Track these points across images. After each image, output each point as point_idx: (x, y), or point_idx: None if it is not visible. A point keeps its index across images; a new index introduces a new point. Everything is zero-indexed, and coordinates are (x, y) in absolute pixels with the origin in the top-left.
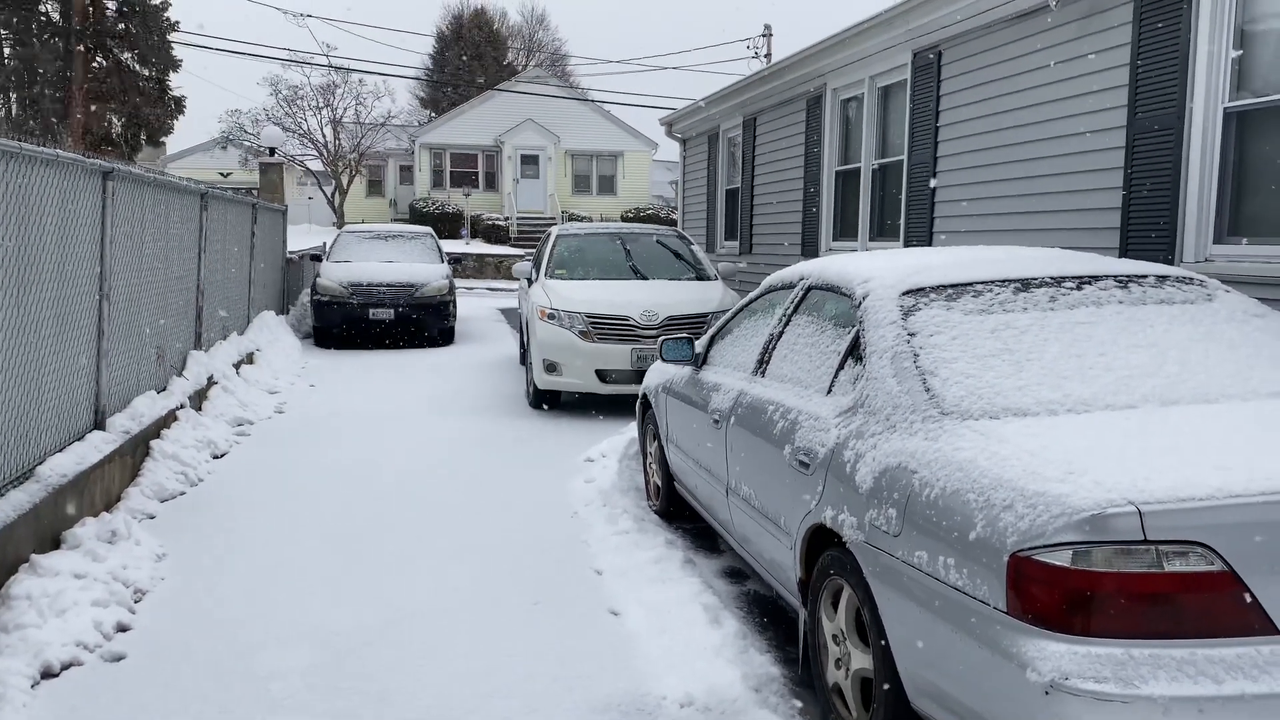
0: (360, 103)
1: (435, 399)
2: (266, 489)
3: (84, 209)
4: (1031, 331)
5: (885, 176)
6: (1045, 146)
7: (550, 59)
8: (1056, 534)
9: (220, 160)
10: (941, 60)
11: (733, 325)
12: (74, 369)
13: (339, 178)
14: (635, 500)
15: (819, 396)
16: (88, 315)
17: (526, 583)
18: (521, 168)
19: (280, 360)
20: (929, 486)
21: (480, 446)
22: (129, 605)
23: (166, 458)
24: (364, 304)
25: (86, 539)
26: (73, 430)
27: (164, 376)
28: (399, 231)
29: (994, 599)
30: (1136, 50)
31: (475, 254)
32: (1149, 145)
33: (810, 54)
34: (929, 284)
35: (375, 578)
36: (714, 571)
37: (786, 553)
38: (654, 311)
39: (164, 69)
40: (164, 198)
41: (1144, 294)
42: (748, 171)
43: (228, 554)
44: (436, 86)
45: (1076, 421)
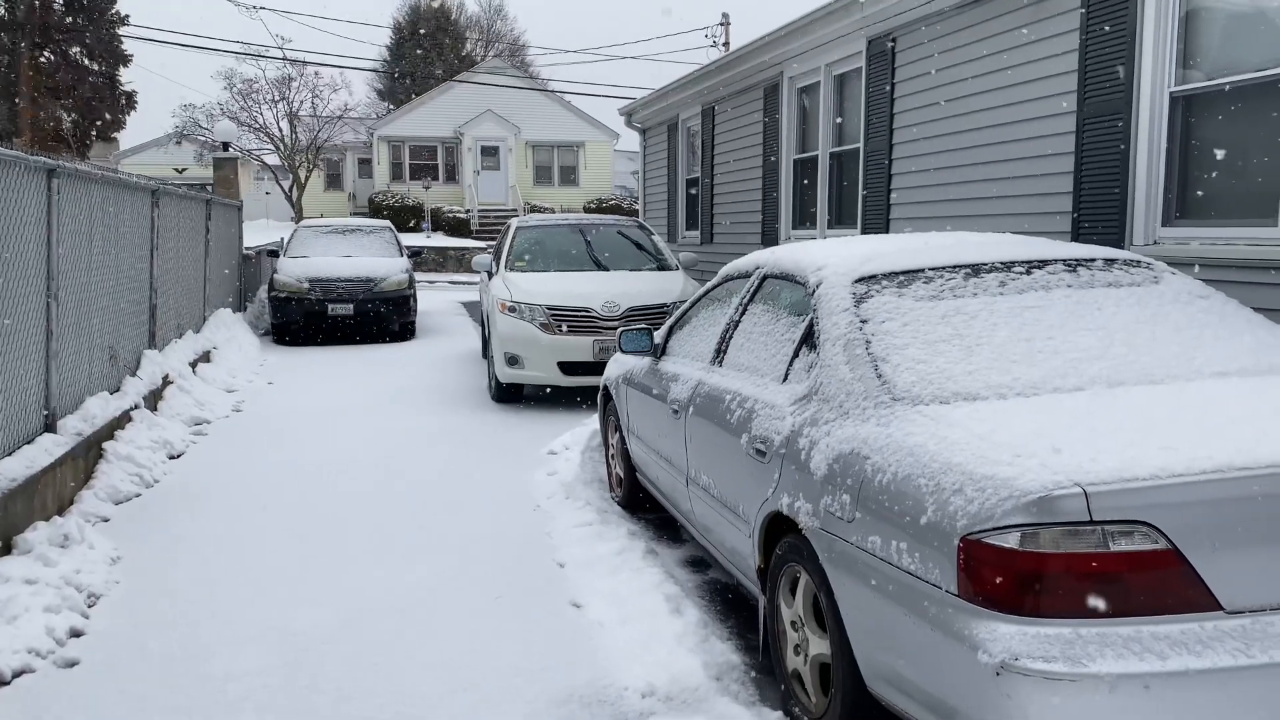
0: (317, 95)
1: (396, 394)
2: (224, 489)
3: (28, 208)
4: (981, 316)
5: (842, 164)
6: (998, 133)
7: (509, 49)
8: (1005, 516)
9: (175, 156)
10: (896, 48)
11: (691, 315)
12: (22, 371)
13: (296, 172)
14: (598, 492)
15: (775, 385)
16: (35, 316)
17: (488, 577)
18: (482, 159)
19: (238, 358)
20: (881, 472)
21: (442, 441)
22: (82, 610)
23: (120, 459)
24: (322, 299)
25: (37, 544)
26: (22, 433)
27: (117, 377)
28: (357, 225)
29: (945, 582)
30: (1085, 36)
31: (436, 247)
32: (1098, 130)
33: (767, 42)
34: (880, 271)
35: (334, 576)
36: (676, 561)
37: (745, 541)
38: (615, 303)
39: (113, 63)
40: (113, 195)
41: (1092, 277)
42: (707, 160)
43: (184, 555)
44: (394, 78)
45: (1025, 405)
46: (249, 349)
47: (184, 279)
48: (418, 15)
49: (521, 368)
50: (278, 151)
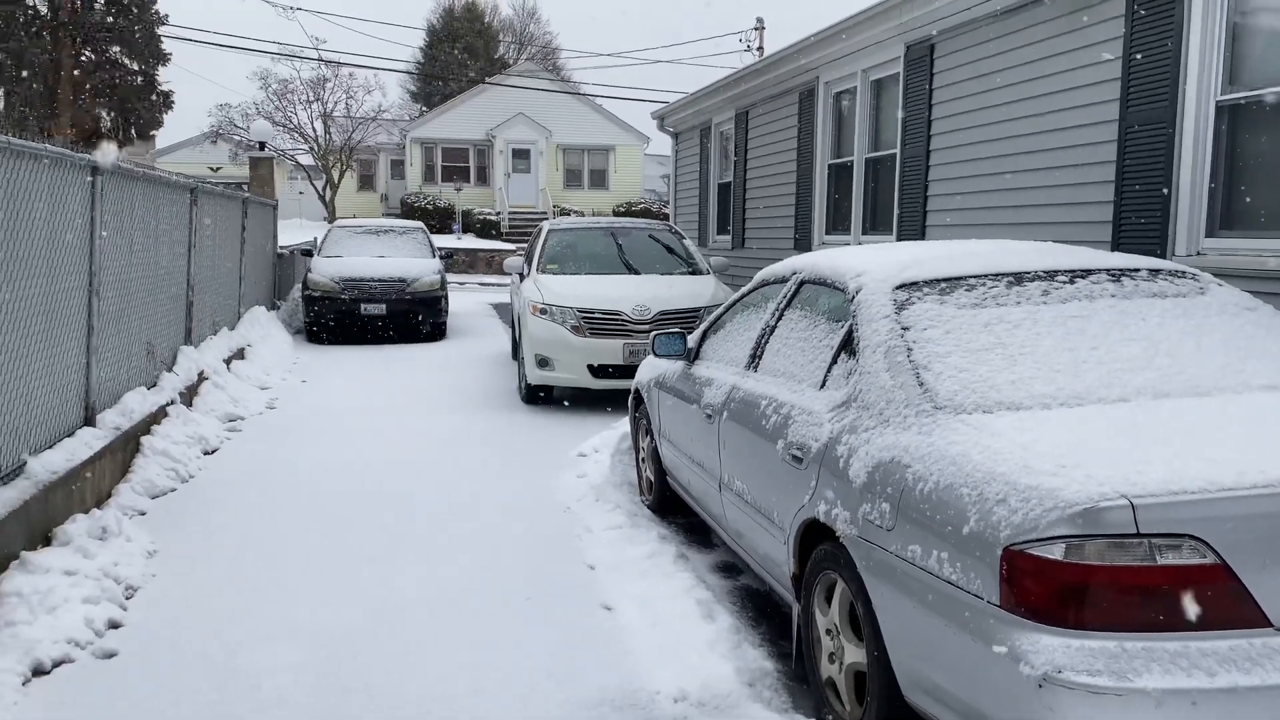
0: (351, 97)
1: (427, 394)
2: (257, 485)
3: (73, 204)
4: (1024, 325)
5: (878, 170)
6: (1038, 140)
7: (542, 53)
8: (1049, 527)
9: (210, 155)
10: (934, 53)
11: (725, 320)
12: (64, 365)
13: (330, 172)
14: (628, 495)
15: (812, 391)
16: (77, 311)
17: (518, 578)
18: (513, 162)
19: (271, 356)
20: (922, 480)
21: (472, 441)
22: (120, 602)
23: (157, 454)
24: (355, 299)
25: (77, 536)
26: (63, 426)
27: (154, 372)
28: (390, 226)
29: (987, 592)
30: (1129, 43)
31: (467, 249)
32: (1141, 139)
33: (803, 47)
34: (922, 278)
35: (365, 574)
36: (707, 566)
37: (780, 547)
38: (646, 306)
39: (152, 63)
40: (153, 193)
41: (1136, 287)
42: (740, 165)
43: (218, 550)
44: (428, 80)
45: (1069, 415)
46: (282, 347)
47: (220, 276)
48: (451, 18)
49: (552, 370)
50: (312, 152)
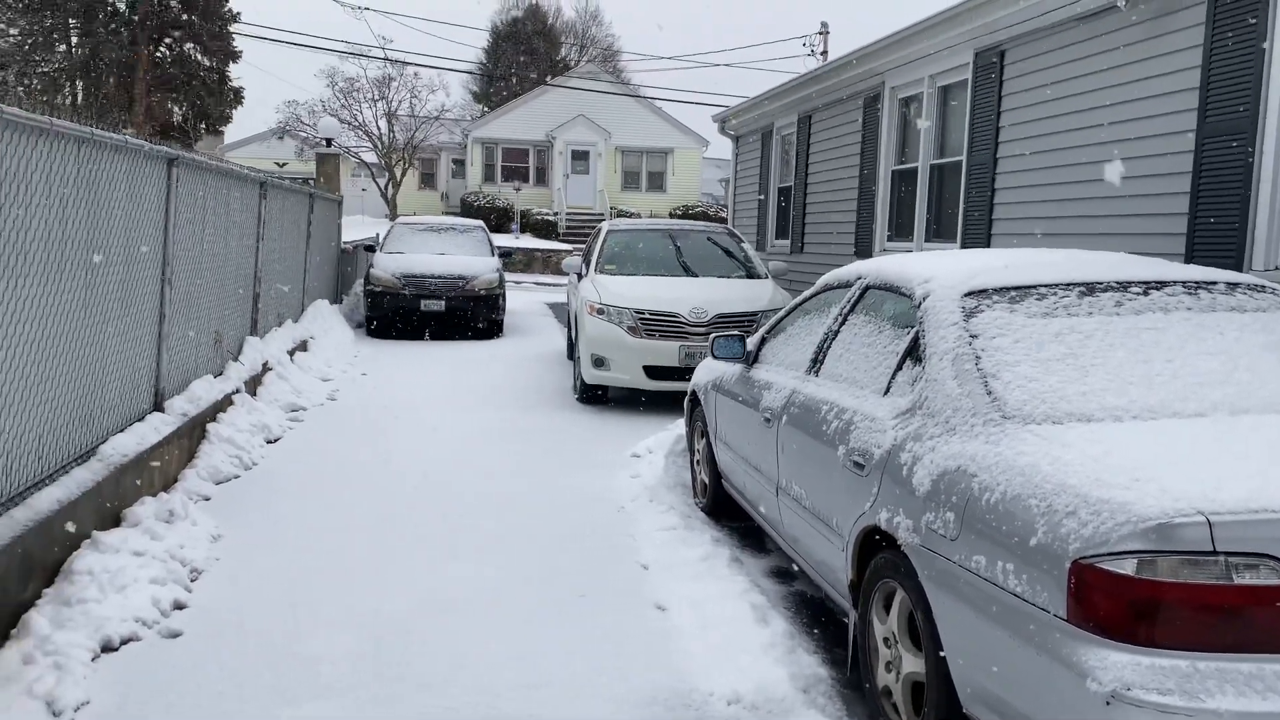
0: (415, 96)
1: (484, 390)
2: (317, 474)
3: (149, 194)
4: (1096, 336)
5: (943, 177)
6: (1109, 149)
7: (603, 55)
8: (1121, 542)
9: (276, 150)
10: (1004, 60)
11: (786, 324)
12: (136, 351)
13: (392, 170)
14: (682, 497)
15: (875, 397)
16: (150, 299)
17: (571, 574)
18: (572, 163)
19: (333, 348)
20: (989, 490)
21: (527, 439)
22: (186, 584)
23: (222, 441)
24: (416, 295)
25: (145, 518)
26: (133, 411)
27: (221, 361)
28: (452, 224)
29: (1054, 606)
30: (1209, 51)
31: (524, 248)
32: (1219, 149)
33: (869, 52)
34: (991, 285)
35: (420, 564)
36: (761, 571)
37: (838, 554)
38: (703, 309)
39: (224, 60)
40: (225, 185)
41: (1213, 301)
42: (801, 169)
43: (279, 537)
44: (490, 81)
45: (1143, 428)
46: (344, 340)
47: (286, 269)
48: (515, 19)
49: (607, 370)
50: (375, 149)
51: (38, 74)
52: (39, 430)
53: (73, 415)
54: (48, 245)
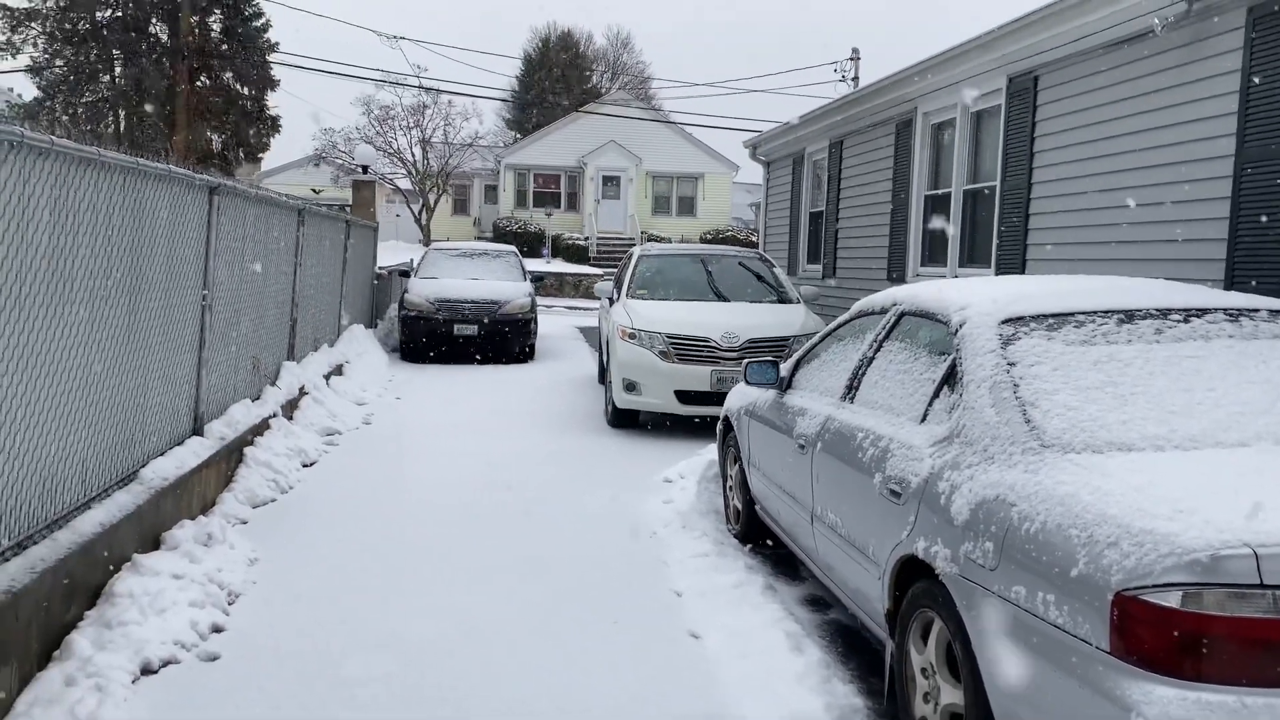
0: (449, 123)
1: (515, 415)
2: (352, 498)
3: (191, 222)
4: (1136, 364)
5: (976, 202)
6: (1146, 175)
7: (634, 81)
8: (1165, 574)
9: (312, 177)
10: (1038, 85)
11: (819, 349)
12: (177, 376)
13: (426, 196)
14: (714, 523)
15: (912, 425)
16: (191, 324)
17: (604, 601)
18: (603, 188)
19: (368, 373)
20: (1029, 520)
21: (559, 463)
22: (223, 607)
23: (259, 465)
24: (449, 319)
25: (184, 541)
26: (174, 435)
27: (259, 385)
28: (484, 249)
29: (1096, 638)
30: (1246, 75)
31: (556, 273)
32: (1259, 173)
33: (901, 78)
34: (1029, 313)
35: (455, 589)
36: (795, 599)
37: (874, 583)
38: (735, 333)
39: (262, 88)
40: (264, 213)
41: (1256, 328)
42: (833, 194)
43: (315, 560)
44: (522, 108)
45: (1185, 458)
46: (378, 364)
47: (322, 294)
48: (547, 47)
49: (639, 394)
50: (409, 176)
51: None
52: (83, 454)
53: (115, 439)
54: (93, 272)
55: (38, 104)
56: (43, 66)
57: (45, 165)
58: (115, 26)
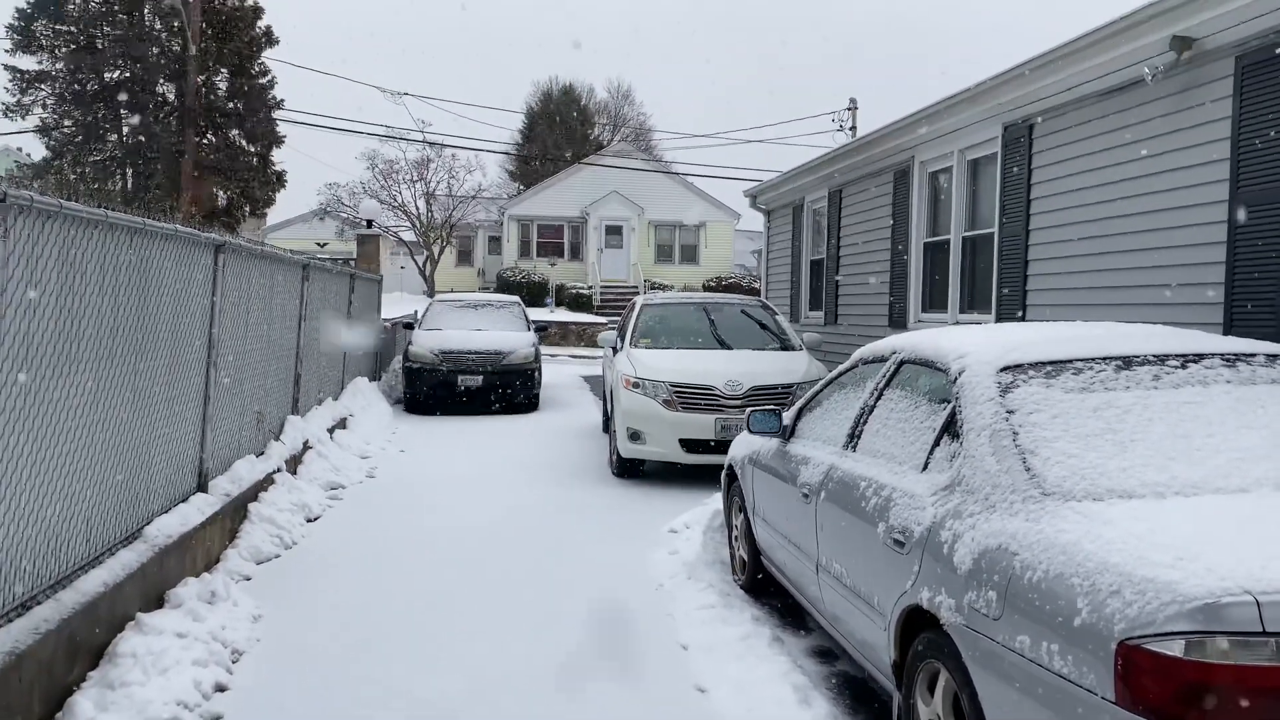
0: (453, 176)
1: (520, 465)
2: (357, 553)
3: (197, 280)
4: (1135, 411)
5: (975, 249)
6: (1143, 220)
7: (635, 133)
8: (1168, 622)
9: (317, 230)
10: (1033, 133)
11: (821, 398)
12: (181, 433)
13: (430, 248)
14: (720, 574)
15: (914, 473)
16: (196, 381)
17: (611, 655)
18: (606, 238)
19: (372, 425)
20: (1031, 569)
21: (564, 514)
22: (227, 665)
23: (263, 520)
24: (453, 370)
25: (188, 599)
26: (178, 492)
27: (263, 441)
28: (488, 300)
29: (1101, 688)
30: (1238, 123)
31: (559, 322)
32: (1253, 220)
33: (898, 127)
34: (1027, 360)
35: (460, 644)
36: (802, 650)
37: (880, 633)
38: (739, 381)
39: (268, 145)
40: (269, 269)
41: (1254, 373)
42: (833, 242)
43: (320, 617)
44: (525, 161)
45: (1185, 505)
46: (383, 417)
47: (327, 348)
48: (549, 100)
49: (643, 443)
50: (414, 228)
51: (90, 162)
52: (87, 512)
53: (120, 497)
54: (99, 331)
55: (46, 163)
56: (51, 127)
57: (53, 227)
58: (123, 87)
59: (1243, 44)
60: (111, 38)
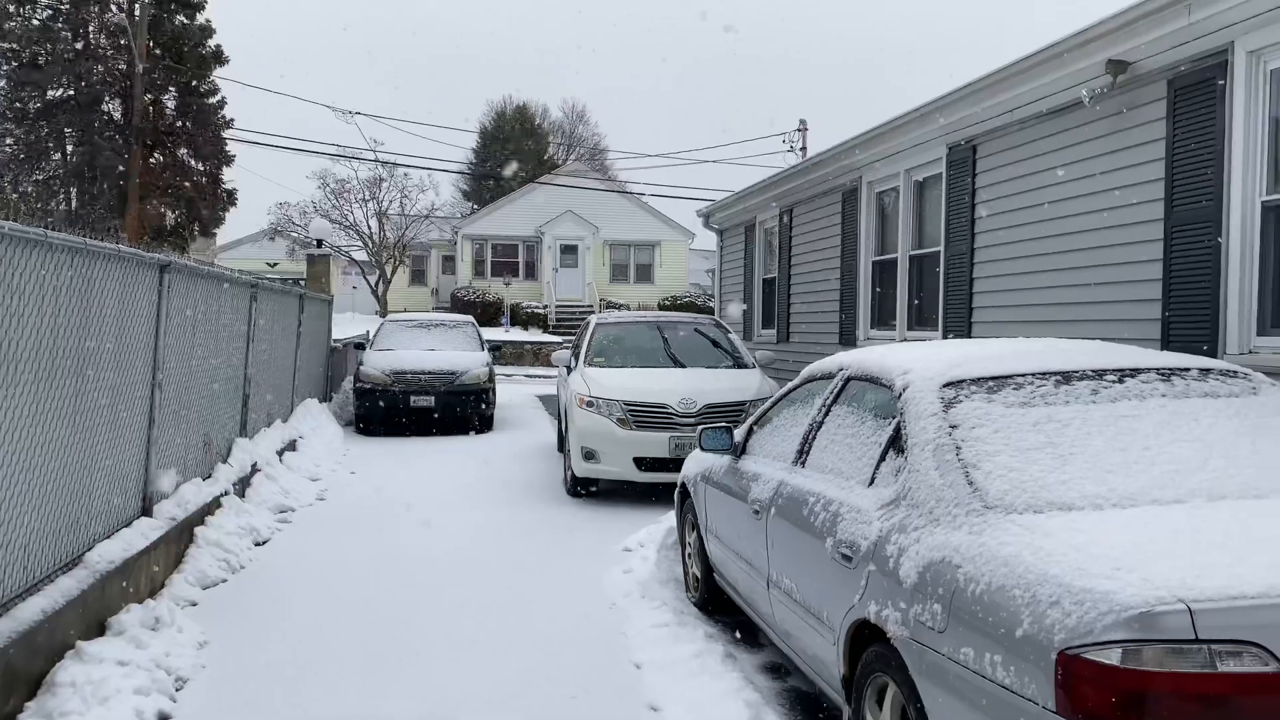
0: (405, 195)
1: (474, 487)
2: (306, 577)
3: (141, 301)
4: (1074, 425)
5: (922, 267)
6: (1083, 239)
7: (590, 153)
8: (1105, 632)
9: (268, 251)
10: (977, 154)
11: (772, 415)
12: (125, 457)
13: (383, 268)
14: (674, 592)
15: (860, 488)
16: (140, 404)
17: (565, 675)
18: (561, 257)
19: (322, 447)
20: (974, 582)
21: (518, 535)
22: (170, 693)
23: (210, 544)
24: (406, 391)
25: (131, 626)
26: (121, 517)
27: (210, 463)
28: (441, 320)
29: (1042, 698)
30: (1172, 145)
31: (514, 341)
32: (1188, 238)
33: (846, 148)
34: (969, 376)
35: (412, 668)
36: (755, 666)
37: (829, 648)
38: (692, 399)
39: (218, 164)
40: (216, 289)
41: (1187, 387)
42: (784, 261)
43: (268, 642)
44: (479, 180)
45: (1122, 516)
46: (333, 439)
47: (276, 369)
48: (503, 119)
49: (598, 462)
50: (366, 248)
51: (32, 181)
52: (25, 540)
53: (60, 523)
54: (38, 354)
55: None
56: None
57: None
58: (67, 105)
59: (1174, 68)
60: (55, 55)
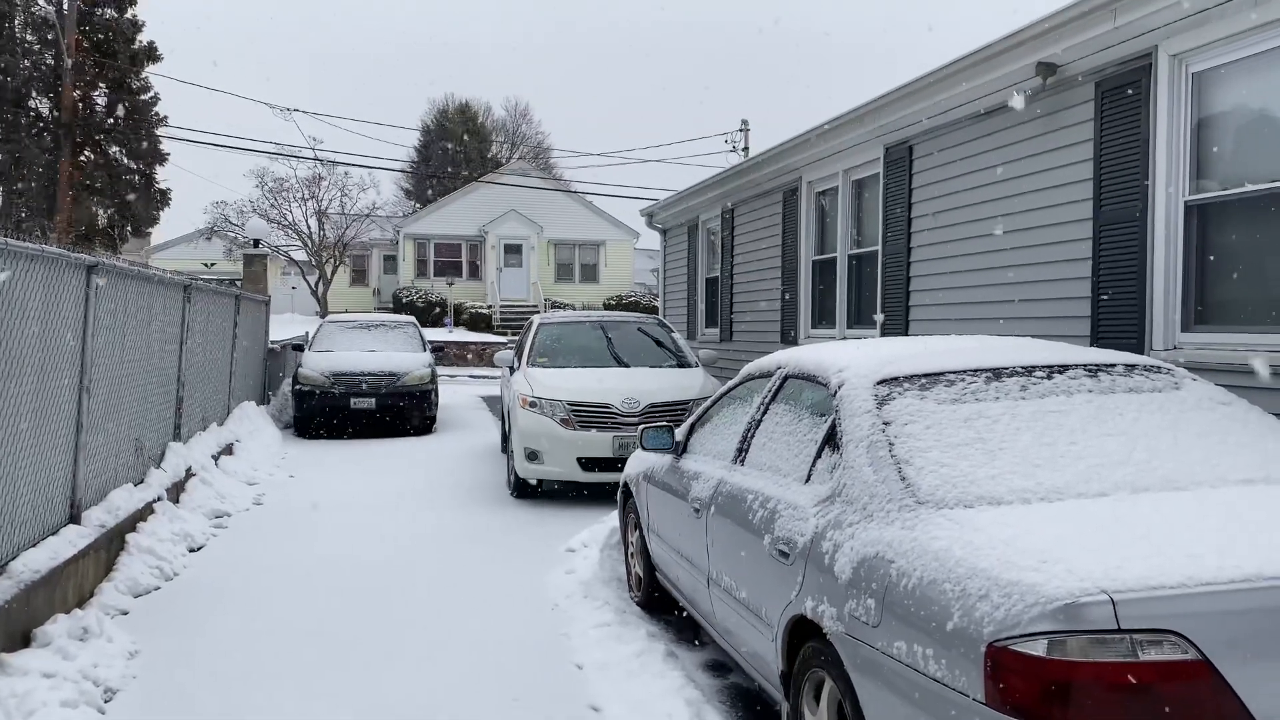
0: (345, 194)
1: (415, 489)
2: (242, 583)
3: (67, 302)
4: (1003, 420)
5: (861, 266)
6: (1016, 238)
7: (533, 152)
8: (1031, 623)
9: (204, 251)
10: (913, 155)
11: (712, 413)
12: (51, 462)
13: (323, 268)
14: (617, 591)
15: (797, 485)
16: (67, 408)
17: (506, 678)
18: (505, 257)
19: (260, 451)
20: (906, 576)
21: (460, 538)
22: (99, 705)
23: (142, 551)
24: (345, 393)
25: (57, 636)
26: (47, 525)
27: (142, 468)
28: (381, 321)
29: (973, 690)
30: (1099, 146)
31: (458, 342)
32: (1114, 237)
33: (786, 148)
34: (902, 373)
35: (351, 676)
36: (696, 664)
37: (768, 644)
38: (635, 399)
39: (151, 162)
40: (147, 290)
41: (1113, 382)
42: (727, 261)
43: (201, 651)
44: (421, 179)
45: (1049, 510)
46: (271, 442)
47: (211, 372)
48: (445, 118)
49: (541, 463)
50: (305, 248)
51: None
52: None
53: None
54: None
55: None
56: None
57: None
58: None
59: (1101, 71)
60: None
